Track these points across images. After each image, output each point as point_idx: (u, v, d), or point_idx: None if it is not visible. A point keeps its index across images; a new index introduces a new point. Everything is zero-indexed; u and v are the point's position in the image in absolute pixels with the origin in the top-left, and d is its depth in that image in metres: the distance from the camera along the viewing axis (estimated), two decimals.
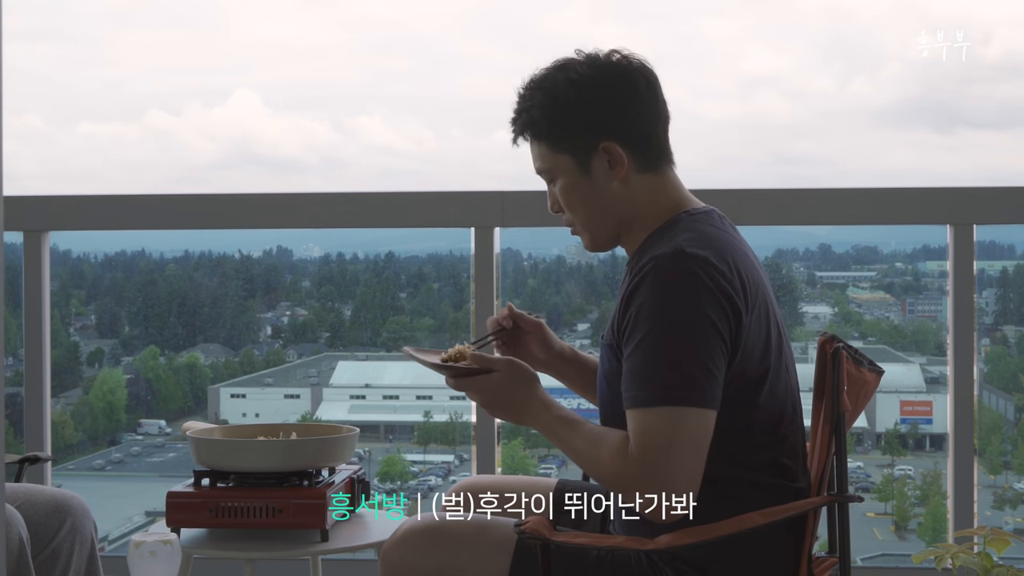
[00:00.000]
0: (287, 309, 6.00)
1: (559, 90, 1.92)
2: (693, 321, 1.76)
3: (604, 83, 1.92)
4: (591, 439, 1.82)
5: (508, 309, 2.17)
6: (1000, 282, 5.15)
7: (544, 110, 1.93)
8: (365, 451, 5.55)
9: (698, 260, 1.79)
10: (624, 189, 1.94)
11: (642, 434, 1.74)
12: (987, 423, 5.09)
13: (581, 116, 1.92)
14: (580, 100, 1.91)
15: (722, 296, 1.78)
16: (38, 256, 3.56)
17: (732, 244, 1.87)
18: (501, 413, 1.91)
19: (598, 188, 1.94)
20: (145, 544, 2.10)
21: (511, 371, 1.89)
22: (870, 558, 4.84)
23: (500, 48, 17.64)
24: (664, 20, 15.70)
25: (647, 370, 1.76)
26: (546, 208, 2.06)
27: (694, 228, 1.87)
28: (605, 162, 1.93)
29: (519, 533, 1.81)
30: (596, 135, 1.92)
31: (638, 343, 1.78)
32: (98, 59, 14.62)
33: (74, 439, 5.61)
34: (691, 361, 1.75)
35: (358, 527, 2.53)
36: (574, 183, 1.95)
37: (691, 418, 1.74)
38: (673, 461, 1.72)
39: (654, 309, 1.77)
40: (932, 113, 9.46)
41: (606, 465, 1.78)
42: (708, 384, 1.76)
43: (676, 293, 1.77)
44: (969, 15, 11.00)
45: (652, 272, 1.80)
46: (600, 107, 1.91)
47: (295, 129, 11.94)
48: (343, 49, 16.33)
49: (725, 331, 1.78)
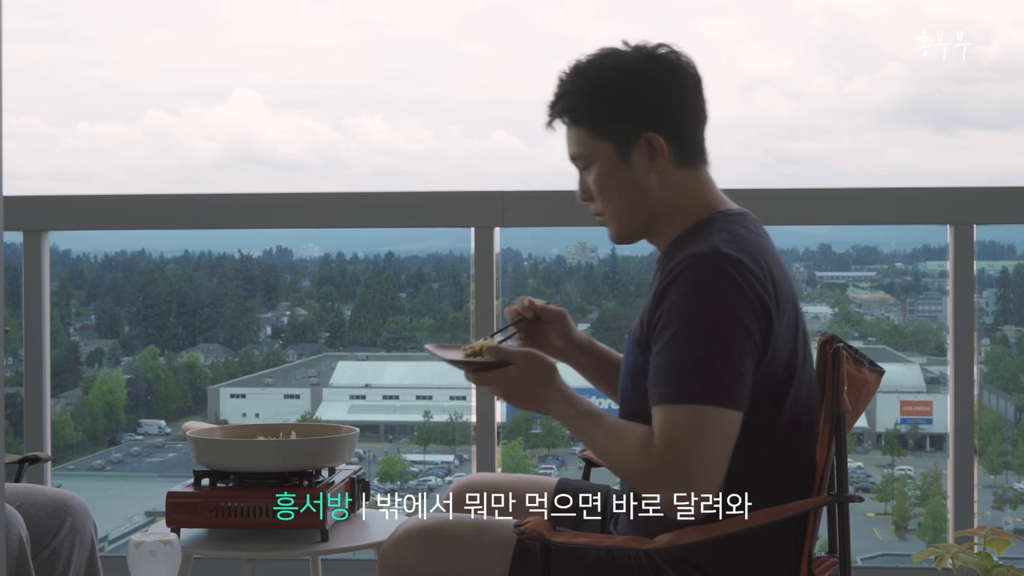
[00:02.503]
0: (287, 309, 6.00)
1: (606, 76, 1.91)
2: (726, 322, 1.76)
3: (653, 73, 1.91)
4: (613, 433, 1.81)
5: (528, 300, 2.15)
6: (1000, 282, 5.15)
7: (588, 95, 1.92)
8: (365, 451, 5.55)
9: (733, 261, 1.79)
10: (660, 183, 1.92)
11: (667, 430, 1.74)
12: (987, 423, 5.09)
13: (628, 104, 1.90)
14: (628, 88, 1.90)
15: (755, 299, 1.78)
16: (38, 256, 3.56)
17: (765, 248, 1.87)
18: (522, 405, 1.90)
19: (635, 178, 1.92)
20: (145, 544, 2.10)
21: (528, 364, 1.88)
22: (870, 558, 4.84)
23: (500, 48, 17.64)
24: (664, 20, 15.70)
25: (676, 367, 1.75)
26: (546, 208, 2.06)
27: (729, 229, 1.87)
28: (645, 152, 1.91)
29: (519, 533, 1.81)
30: (640, 124, 1.90)
31: (668, 340, 1.77)
32: (98, 59, 14.63)
33: (74, 439, 5.61)
34: (721, 361, 1.74)
35: (358, 527, 2.53)
36: (611, 171, 1.93)
37: (717, 418, 1.73)
38: (697, 459, 1.72)
39: (687, 307, 1.77)
40: (932, 113, 9.46)
41: (628, 460, 1.77)
42: (736, 385, 1.75)
43: (710, 293, 1.77)
44: (969, 15, 11.01)
45: (687, 270, 1.79)
46: (647, 97, 1.90)
47: (295, 129, 11.95)
48: (343, 49, 16.33)
49: (756, 333, 1.78)
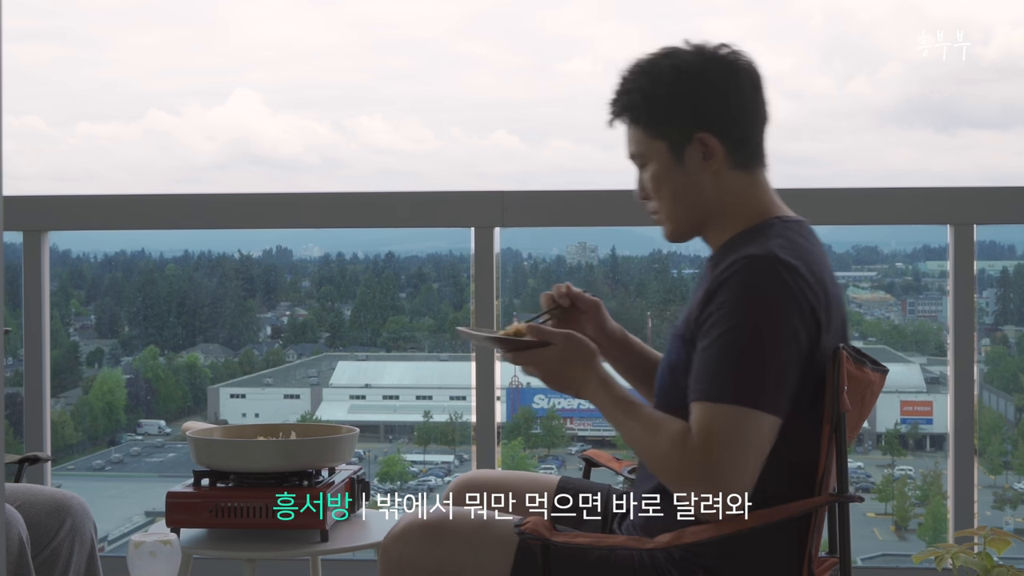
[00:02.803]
0: (287, 309, 6.00)
1: (663, 75, 1.91)
2: (775, 326, 1.76)
3: (709, 74, 1.90)
4: (649, 424, 1.80)
5: (566, 287, 2.15)
6: (1000, 282, 5.16)
7: (645, 94, 1.92)
8: (365, 451, 5.55)
9: (789, 267, 1.78)
10: (715, 183, 1.92)
11: (705, 426, 1.73)
12: (987, 423, 5.09)
13: (681, 104, 1.90)
14: (683, 88, 1.90)
15: (807, 307, 1.78)
16: (38, 256, 3.56)
17: (819, 258, 1.87)
18: (559, 387, 1.90)
19: (689, 178, 1.92)
20: (145, 544, 2.10)
21: (569, 345, 1.88)
22: (870, 558, 4.84)
23: (500, 48, 17.63)
24: (664, 20, 15.71)
25: (721, 366, 1.75)
26: (546, 208, 2.06)
27: (787, 236, 1.86)
28: (699, 153, 1.91)
29: (519, 533, 1.80)
30: (694, 125, 1.90)
31: (716, 338, 1.77)
32: (98, 59, 14.62)
33: (74, 439, 5.61)
34: (767, 366, 1.74)
35: (358, 527, 2.53)
36: (665, 171, 1.93)
37: (757, 421, 1.73)
38: (730, 458, 1.71)
39: (738, 308, 1.77)
40: (932, 113, 9.46)
41: (663, 453, 1.77)
42: (778, 392, 1.75)
43: (764, 296, 1.77)
44: (969, 15, 11.01)
45: (742, 271, 1.79)
46: (702, 97, 1.90)
47: (295, 129, 11.95)
48: (343, 49, 16.32)
49: (804, 342, 1.78)
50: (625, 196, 3.55)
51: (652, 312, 5.19)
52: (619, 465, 2.38)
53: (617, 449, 5.78)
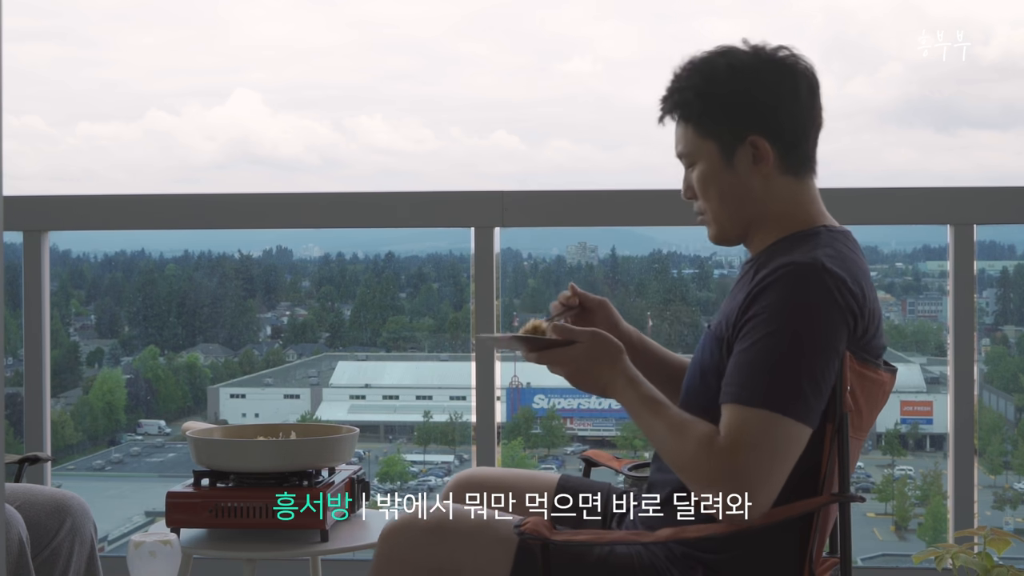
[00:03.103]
0: (287, 309, 6.00)
1: (718, 74, 1.89)
2: (816, 336, 1.74)
3: (765, 76, 1.88)
4: (676, 425, 1.78)
5: (571, 289, 2.13)
6: (1000, 282, 5.15)
7: (699, 93, 1.90)
8: (365, 451, 5.55)
9: (836, 278, 1.77)
10: (763, 187, 1.90)
11: (736, 429, 1.72)
12: (987, 423, 5.09)
13: (734, 105, 1.88)
14: (737, 88, 1.88)
15: (851, 319, 1.77)
16: (38, 256, 3.56)
17: (864, 270, 1.85)
18: (586, 386, 1.87)
19: (738, 180, 1.90)
20: (145, 544, 2.10)
21: (596, 343, 1.85)
22: (870, 558, 4.83)
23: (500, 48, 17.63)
24: (664, 20, 15.71)
25: (757, 370, 1.74)
26: (546, 208, 2.05)
27: (834, 246, 1.84)
28: (750, 155, 1.89)
29: (519, 534, 1.80)
30: (746, 126, 1.88)
31: (755, 341, 1.75)
32: (98, 59, 14.62)
33: (74, 439, 5.61)
34: (804, 374, 1.73)
35: (358, 527, 2.53)
36: (713, 171, 1.91)
37: (788, 428, 1.71)
38: (756, 463, 1.70)
39: (779, 313, 1.75)
40: (932, 113, 9.46)
41: (689, 454, 1.75)
42: (814, 401, 1.74)
43: (808, 304, 1.75)
44: (969, 15, 11.01)
45: (786, 277, 1.77)
46: (756, 99, 1.88)
47: (295, 129, 11.95)
48: (343, 49, 16.32)
49: (843, 354, 1.77)
50: (625, 196, 3.57)
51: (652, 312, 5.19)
52: (619, 464, 2.38)
53: (617, 449, 5.79)
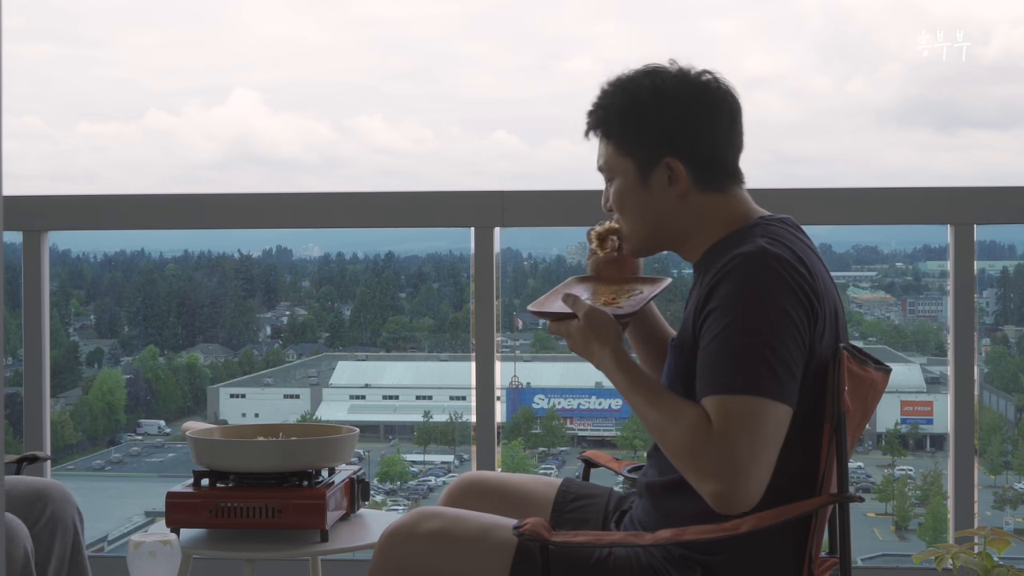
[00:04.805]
0: (287, 309, 6.01)
1: (640, 95, 1.92)
2: (776, 316, 1.77)
3: (685, 100, 1.91)
4: (668, 410, 1.80)
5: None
6: (1000, 282, 5.16)
7: (619, 112, 1.93)
8: (365, 451, 5.55)
9: (780, 259, 1.80)
10: (682, 206, 1.94)
11: (724, 417, 1.73)
12: (987, 423, 5.10)
13: (653, 126, 1.91)
14: (656, 111, 1.91)
15: (802, 295, 1.79)
16: (38, 256, 3.56)
17: (807, 250, 1.88)
18: (585, 357, 1.94)
19: (652, 199, 1.94)
20: (145, 544, 2.09)
21: (588, 320, 1.91)
22: (870, 558, 4.84)
23: (500, 48, 17.63)
24: (664, 20, 15.72)
25: (725, 358, 1.76)
26: (546, 208, 2.06)
27: (771, 233, 1.87)
28: (665, 177, 1.92)
29: (518, 535, 1.80)
30: (662, 149, 1.91)
31: (717, 334, 1.77)
32: (98, 59, 14.63)
33: (74, 439, 5.61)
34: (774, 355, 1.75)
35: (358, 527, 2.53)
36: (629, 189, 1.95)
37: (772, 410, 1.74)
38: (749, 449, 1.71)
39: (737, 302, 1.77)
40: (932, 113, 9.46)
41: (682, 441, 1.76)
42: (786, 379, 1.76)
43: (761, 288, 1.78)
44: (969, 15, 11.01)
45: (736, 268, 1.79)
46: (675, 123, 1.91)
47: (295, 129, 11.95)
48: (343, 49, 16.33)
49: (804, 331, 1.79)
50: None
51: None
52: (618, 465, 2.38)
53: (617, 449, 5.79)
